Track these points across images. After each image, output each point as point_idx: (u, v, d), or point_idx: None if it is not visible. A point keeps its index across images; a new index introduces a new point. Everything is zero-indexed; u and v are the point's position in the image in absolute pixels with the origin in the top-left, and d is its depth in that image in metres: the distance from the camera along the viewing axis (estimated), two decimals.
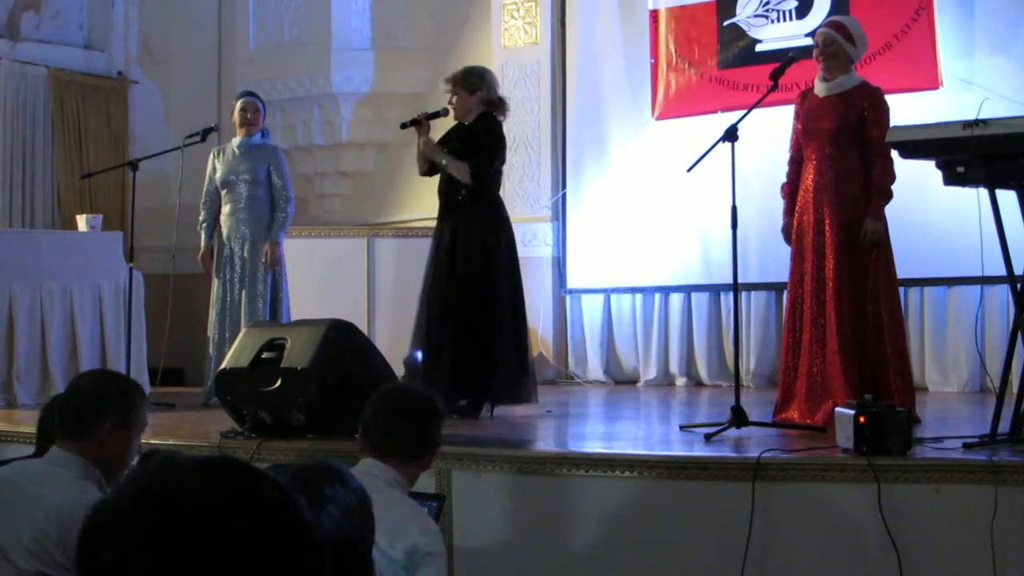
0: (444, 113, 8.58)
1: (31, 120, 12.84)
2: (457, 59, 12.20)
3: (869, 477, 5.59)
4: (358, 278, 11.47)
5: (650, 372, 11.06)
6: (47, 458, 4.26)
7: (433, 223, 11.22)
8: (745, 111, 7.29)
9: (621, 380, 11.28)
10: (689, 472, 5.95)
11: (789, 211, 7.53)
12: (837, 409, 6.05)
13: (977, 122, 6.03)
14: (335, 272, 11.31)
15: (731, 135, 7.01)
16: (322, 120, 12.97)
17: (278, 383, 6.86)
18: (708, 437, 6.66)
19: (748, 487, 5.72)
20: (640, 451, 6.64)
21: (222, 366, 7.35)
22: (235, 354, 7.23)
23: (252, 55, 13.25)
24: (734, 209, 7.06)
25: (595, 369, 11.35)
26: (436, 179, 8.69)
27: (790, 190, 7.53)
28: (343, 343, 7.02)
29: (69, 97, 13.13)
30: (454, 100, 8.52)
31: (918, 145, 6.34)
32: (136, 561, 1.52)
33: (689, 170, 7.21)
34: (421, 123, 8.49)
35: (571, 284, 11.51)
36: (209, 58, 13.92)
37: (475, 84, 8.52)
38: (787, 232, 7.53)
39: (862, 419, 5.73)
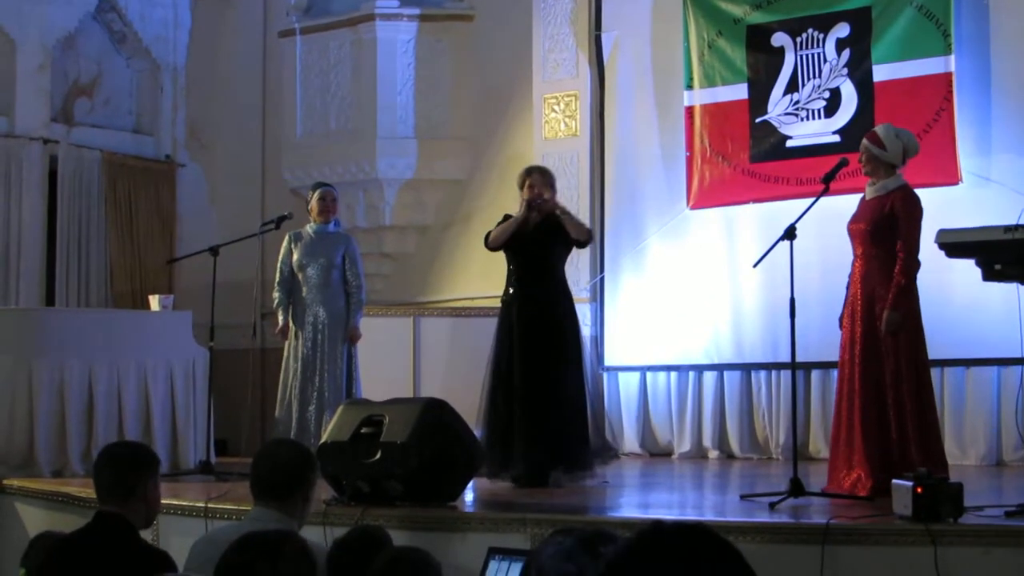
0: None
1: (86, 201, 13.47)
2: (497, 149, 12.94)
3: (926, 541, 6.20)
4: (404, 356, 11.87)
5: (684, 445, 11.64)
6: (252, 517, 4.99)
7: (476, 303, 11.95)
8: (803, 211, 7.89)
9: (656, 452, 11.87)
10: (764, 536, 6.56)
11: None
12: (894, 481, 6.66)
13: (1017, 227, 6.73)
14: (381, 350, 11.52)
15: (790, 234, 7.64)
16: (366, 204, 13.56)
17: (378, 455, 7.46)
18: (772, 506, 7.28)
19: (818, 550, 6.34)
20: (712, 518, 7.28)
21: (322, 440, 7.94)
22: (335, 429, 7.80)
23: (298, 141, 13.84)
24: (792, 301, 7.69)
25: (631, 442, 11.92)
26: (480, 261, 9.33)
27: (849, 283, 8.13)
28: (438, 419, 7.62)
29: (121, 179, 13.78)
30: (547, 194, 9.20)
31: (963, 246, 7.02)
32: None
33: (755, 265, 7.92)
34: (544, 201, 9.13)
35: (608, 362, 12.11)
36: (253, 143, 14.56)
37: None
38: (841, 320, 8.13)
39: (919, 489, 6.37)
